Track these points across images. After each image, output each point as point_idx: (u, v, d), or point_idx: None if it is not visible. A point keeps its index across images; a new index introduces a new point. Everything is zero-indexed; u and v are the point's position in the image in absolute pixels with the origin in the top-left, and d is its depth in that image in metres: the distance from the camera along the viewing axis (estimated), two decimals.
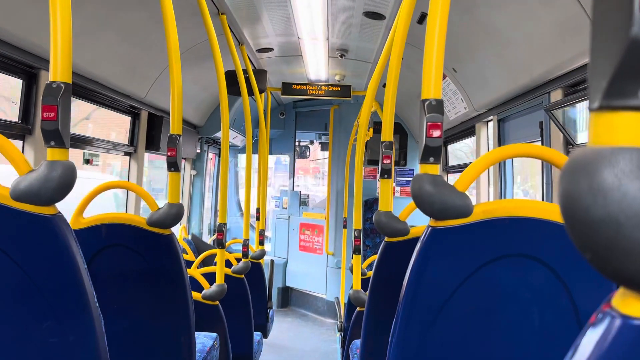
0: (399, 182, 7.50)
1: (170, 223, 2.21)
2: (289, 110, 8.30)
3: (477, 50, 3.51)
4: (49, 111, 1.30)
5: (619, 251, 0.38)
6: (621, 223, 0.38)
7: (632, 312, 0.42)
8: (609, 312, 0.45)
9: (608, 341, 0.43)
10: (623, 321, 0.42)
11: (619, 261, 0.39)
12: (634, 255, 0.38)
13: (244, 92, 3.94)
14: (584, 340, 0.46)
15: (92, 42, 3.13)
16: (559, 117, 2.80)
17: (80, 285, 1.33)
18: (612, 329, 0.43)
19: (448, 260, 1.36)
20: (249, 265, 4.00)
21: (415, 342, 1.39)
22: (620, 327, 0.43)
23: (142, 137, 4.47)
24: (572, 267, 1.33)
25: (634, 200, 0.37)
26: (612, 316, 0.44)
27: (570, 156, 0.43)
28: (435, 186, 1.32)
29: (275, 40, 4.86)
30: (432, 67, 1.37)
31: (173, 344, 2.33)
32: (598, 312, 0.46)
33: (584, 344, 0.46)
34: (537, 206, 1.35)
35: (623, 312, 0.43)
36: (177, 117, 2.28)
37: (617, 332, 0.43)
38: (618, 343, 0.42)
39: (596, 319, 0.46)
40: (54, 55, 1.32)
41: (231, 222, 8.45)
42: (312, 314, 7.73)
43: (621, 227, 0.38)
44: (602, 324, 0.44)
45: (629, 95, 0.39)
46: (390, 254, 2.19)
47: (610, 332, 0.43)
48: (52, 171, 1.29)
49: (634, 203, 0.37)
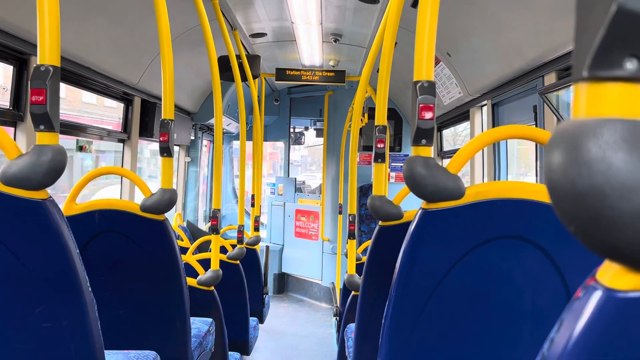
0: (393, 168, 7.51)
1: (163, 209, 2.21)
2: (283, 97, 8.27)
3: (471, 34, 3.49)
4: (37, 94, 1.29)
5: (604, 223, 0.38)
6: (606, 194, 0.37)
7: (616, 285, 0.42)
8: (593, 286, 0.45)
9: (593, 314, 0.43)
10: (608, 294, 0.43)
11: (604, 233, 0.39)
12: (619, 227, 0.38)
13: (238, 78, 3.91)
14: (569, 315, 0.46)
15: (84, 27, 3.10)
16: (553, 101, 2.80)
17: (73, 270, 1.33)
18: (597, 302, 0.43)
19: (440, 242, 1.36)
20: (244, 251, 4.00)
21: (408, 324, 1.39)
22: (605, 300, 0.43)
23: (135, 124, 4.45)
24: (564, 248, 1.33)
25: (618, 171, 0.37)
26: (596, 289, 0.44)
27: (555, 129, 0.43)
28: (427, 168, 1.32)
29: (268, 25, 4.82)
30: (424, 49, 1.36)
31: (168, 329, 2.34)
32: (583, 286, 0.46)
33: (569, 318, 0.46)
34: (529, 188, 1.35)
35: (608, 285, 0.43)
36: (169, 102, 2.27)
37: (602, 305, 0.43)
38: (603, 316, 0.42)
39: (581, 293, 0.46)
40: (42, 38, 1.30)
41: (226, 209, 8.45)
42: (308, 299, 7.77)
43: (606, 199, 0.38)
44: (587, 297, 0.44)
45: (614, 65, 0.38)
46: (384, 238, 2.19)
47: (595, 306, 0.43)
48: (42, 155, 1.28)
49: (619, 174, 0.37)
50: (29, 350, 1.38)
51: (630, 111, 0.39)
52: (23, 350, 1.37)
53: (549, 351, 0.47)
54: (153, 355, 2.08)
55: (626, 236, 0.38)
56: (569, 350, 0.43)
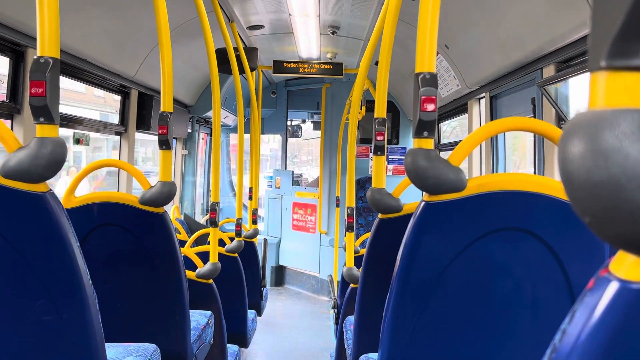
0: (391, 161, 7.51)
1: (162, 201, 2.20)
2: (281, 89, 8.24)
3: (470, 26, 3.48)
4: (37, 87, 1.28)
5: (620, 214, 0.38)
6: (623, 185, 0.37)
7: (631, 276, 0.42)
8: (607, 277, 0.44)
9: (607, 305, 0.43)
10: (622, 285, 0.42)
11: (620, 224, 0.38)
12: (635, 218, 0.37)
13: (235, 70, 3.90)
14: (582, 306, 0.46)
15: (80, 19, 3.07)
16: (552, 93, 2.80)
17: (73, 262, 1.33)
18: (611, 294, 0.43)
19: (442, 234, 1.36)
20: (242, 244, 4.00)
21: (409, 316, 1.39)
22: (619, 291, 0.42)
23: (132, 117, 4.43)
24: (565, 240, 1.33)
25: (635, 162, 0.37)
26: (611, 281, 0.44)
27: (571, 119, 0.42)
28: (429, 160, 1.31)
29: (266, 17, 4.80)
30: (425, 40, 1.35)
31: (168, 322, 2.34)
32: (596, 277, 0.46)
33: (582, 309, 0.45)
34: (530, 180, 1.35)
35: (622, 276, 0.43)
36: (168, 95, 2.26)
37: (615, 296, 0.43)
38: (617, 307, 0.42)
39: (594, 284, 0.46)
40: (41, 30, 1.29)
41: (224, 202, 8.44)
42: (306, 292, 7.78)
43: (622, 190, 0.37)
44: (601, 288, 0.44)
45: (632, 55, 0.38)
46: (383, 231, 2.19)
47: (609, 297, 0.43)
48: (42, 148, 1.27)
49: (636, 165, 0.37)
50: (29, 344, 1.37)
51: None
52: (23, 343, 1.37)
53: (560, 342, 0.46)
54: (153, 348, 2.08)
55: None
56: (582, 341, 0.43)
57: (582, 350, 0.43)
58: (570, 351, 0.44)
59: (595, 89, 0.41)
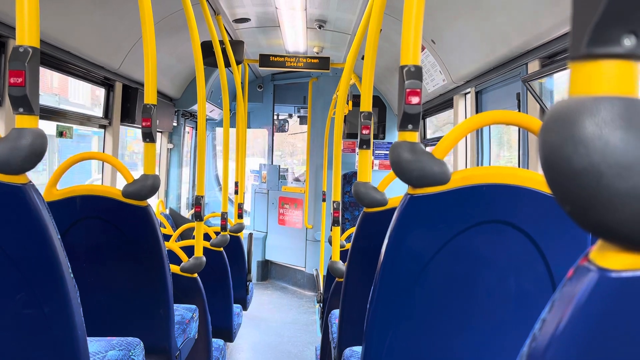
0: (377, 156, 7.52)
1: (146, 194, 2.18)
2: (267, 83, 8.21)
3: (456, 21, 3.49)
4: (16, 76, 1.26)
5: (600, 201, 0.38)
6: (603, 172, 0.37)
7: (610, 264, 0.42)
8: (586, 266, 0.44)
9: (587, 294, 0.43)
10: (601, 274, 0.42)
11: (600, 212, 0.38)
12: (614, 205, 0.37)
13: (221, 64, 3.87)
14: (561, 295, 0.46)
15: (63, 9, 3.03)
16: (536, 89, 2.82)
17: (54, 255, 1.31)
18: (591, 282, 0.43)
19: (426, 227, 1.37)
20: (227, 238, 3.98)
21: (393, 309, 1.40)
22: (598, 279, 0.42)
23: (117, 109, 4.38)
24: (548, 233, 1.34)
25: (615, 150, 0.37)
26: (590, 270, 0.44)
27: (552, 107, 0.42)
28: (413, 153, 1.31)
29: (252, 10, 4.77)
30: (410, 32, 1.35)
31: (152, 316, 2.33)
32: (576, 266, 0.46)
33: (561, 298, 0.46)
34: (514, 173, 1.35)
35: (601, 265, 0.43)
36: (152, 87, 2.24)
37: (595, 285, 0.43)
38: (597, 296, 0.42)
39: (574, 273, 0.46)
40: (20, 18, 1.27)
41: (210, 196, 8.40)
42: (292, 286, 7.78)
43: (602, 177, 0.37)
44: (580, 277, 0.44)
45: (612, 42, 0.38)
46: (368, 224, 2.19)
47: (589, 285, 0.43)
48: (21, 139, 1.25)
49: (616, 152, 0.37)
50: (9, 337, 1.36)
51: (627, 89, 0.38)
52: (3, 337, 1.35)
53: (540, 331, 0.46)
54: (136, 342, 2.07)
55: (622, 216, 0.37)
56: (561, 330, 0.43)
57: (561, 339, 0.43)
58: (549, 340, 0.44)
59: (576, 76, 0.40)
